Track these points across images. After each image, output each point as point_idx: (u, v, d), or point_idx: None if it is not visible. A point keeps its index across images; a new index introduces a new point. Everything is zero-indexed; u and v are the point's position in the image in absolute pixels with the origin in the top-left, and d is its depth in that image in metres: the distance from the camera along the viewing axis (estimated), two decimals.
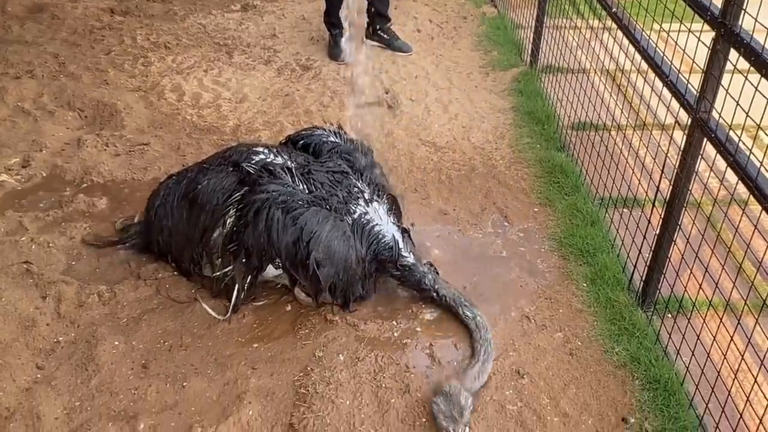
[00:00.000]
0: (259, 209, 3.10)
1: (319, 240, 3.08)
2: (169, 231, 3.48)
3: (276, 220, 3.08)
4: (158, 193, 3.60)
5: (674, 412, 2.84)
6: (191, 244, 3.38)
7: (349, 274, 3.20)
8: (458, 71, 5.94)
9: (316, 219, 3.11)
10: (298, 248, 3.07)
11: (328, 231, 3.11)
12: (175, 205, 3.46)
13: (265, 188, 3.15)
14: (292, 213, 3.09)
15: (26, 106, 4.92)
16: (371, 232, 3.28)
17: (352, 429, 2.75)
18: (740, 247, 3.61)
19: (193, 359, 3.07)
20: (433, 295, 3.35)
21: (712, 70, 2.75)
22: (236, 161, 3.37)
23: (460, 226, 4.00)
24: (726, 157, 2.60)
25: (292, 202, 3.12)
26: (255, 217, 3.10)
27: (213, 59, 5.87)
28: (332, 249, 3.12)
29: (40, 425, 2.72)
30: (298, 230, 3.07)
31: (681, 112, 3.03)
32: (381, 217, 3.35)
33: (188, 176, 3.52)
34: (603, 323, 3.32)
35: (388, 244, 3.30)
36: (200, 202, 3.31)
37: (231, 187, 3.27)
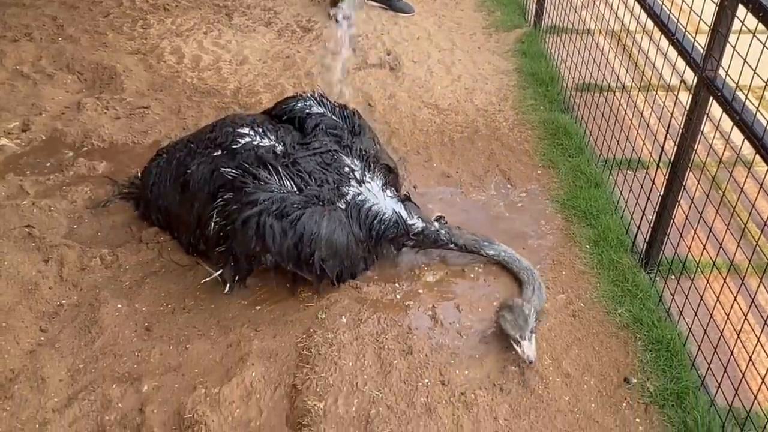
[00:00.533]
0: (248, 218, 2.96)
1: (320, 238, 3.02)
2: (167, 210, 3.47)
3: (269, 227, 2.96)
4: (151, 172, 3.57)
5: (676, 372, 2.85)
6: (188, 228, 3.35)
7: (352, 258, 3.19)
8: (461, 32, 5.87)
9: (312, 220, 3.02)
10: (301, 250, 3.01)
11: (326, 226, 3.04)
12: (168, 186, 3.44)
13: (255, 198, 3.00)
14: (289, 218, 2.99)
15: (25, 69, 4.88)
16: (369, 213, 3.21)
17: (355, 389, 2.77)
18: (745, 208, 3.59)
19: (196, 321, 3.08)
20: (452, 247, 3.36)
21: (719, 27, 2.70)
22: (222, 145, 3.32)
23: (462, 189, 3.97)
24: (732, 116, 2.57)
25: (285, 207, 3.00)
26: (243, 225, 2.97)
27: (213, 21, 5.80)
28: (333, 243, 3.07)
29: (44, 387, 2.74)
30: (298, 235, 2.98)
31: (687, 72, 2.99)
32: (376, 195, 3.28)
33: (177, 157, 3.47)
34: (606, 285, 3.32)
35: (392, 220, 3.26)
36: (192, 189, 3.28)
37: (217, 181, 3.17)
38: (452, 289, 3.31)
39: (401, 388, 2.78)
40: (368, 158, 3.41)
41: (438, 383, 2.80)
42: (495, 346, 2.99)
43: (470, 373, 2.86)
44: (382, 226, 3.24)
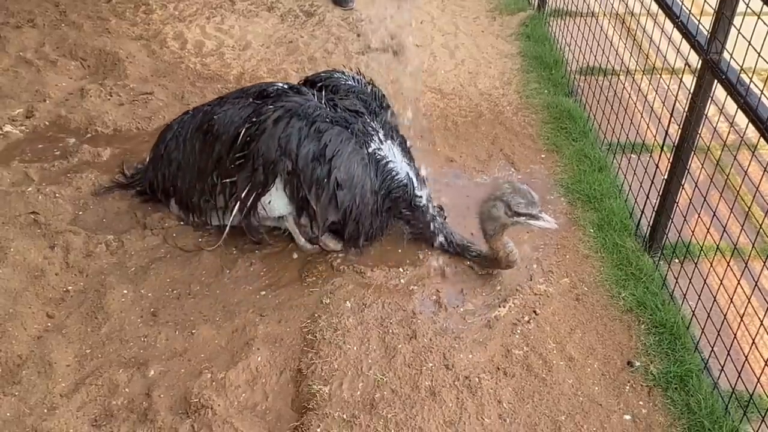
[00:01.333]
0: (280, 117, 3.05)
1: (342, 160, 3.05)
2: (178, 164, 3.43)
3: (297, 129, 3.03)
4: (171, 127, 3.56)
5: (680, 355, 2.86)
6: (203, 177, 3.32)
7: (364, 202, 3.17)
8: (464, 16, 5.84)
9: (339, 138, 3.07)
10: (319, 164, 3.02)
11: (350, 152, 3.09)
12: (188, 137, 3.40)
13: (290, 98, 3.13)
14: (317, 125, 3.05)
15: (28, 55, 4.88)
16: (385, 168, 3.24)
17: (360, 373, 2.78)
18: (749, 191, 3.58)
19: (201, 307, 3.10)
20: (440, 240, 3.35)
21: (723, 9, 2.69)
22: (256, 92, 3.35)
23: (466, 173, 3.97)
24: (736, 99, 2.56)
25: (317, 115, 3.09)
26: (274, 124, 3.05)
27: (215, 6, 5.78)
28: (351, 171, 3.08)
29: (51, 372, 2.76)
30: (321, 145, 3.02)
31: (691, 55, 2.98)
32: (395, 155, 3.32)
33: (204, 109, 3.46)
34: (610, 268, 3.32)
35: (402, 182, 3.28)
36: (215, 132, 3.25)
37: (249, 114, 3.19)
38: (456, 274, 3.31)
39: (405, 372, 2.79)
40: (390, 128, 3.46)
41: (442, 367, 2.82)
42: (499, 330, 3.00)
43: (474, 357, 2.88)
44: (393, 183, 3.26)
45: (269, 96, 3.26)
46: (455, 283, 3.26)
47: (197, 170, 3.35)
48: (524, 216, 3.04)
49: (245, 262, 3.32)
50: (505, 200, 3.02)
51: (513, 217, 3.04)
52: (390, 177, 3.25)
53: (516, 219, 3.05)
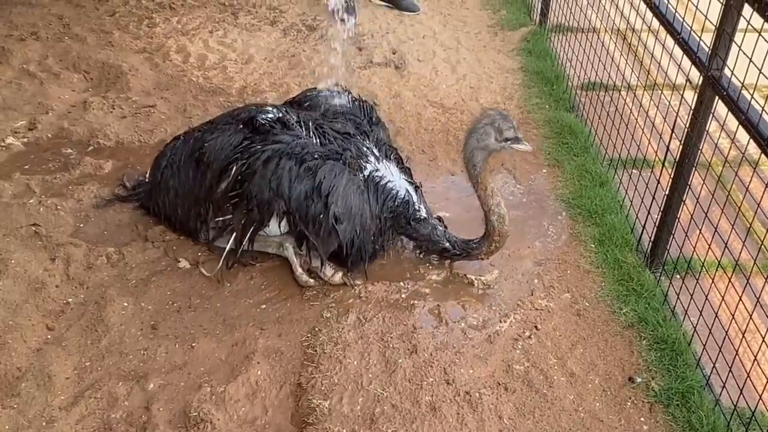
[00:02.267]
0: (269, 158, 3.06)
1: (338, 194, 3.06)
2: (176, 191, 3.46)
3: (288, 170, 3.04)
4: (165, 154, 3.57)
5: (681, 371, 2.85)
6: (198, 202, 3.35)
7: (365, 229, 3.18)
8: (466, 31, 5.87)
9: (333, 173, 3.08)
10: (312, 202, 3.04)
11: (345, 185, 3.09)
12: (181, 164, 3.43)
13: (278, 138, 3.12)
14: (307, 164, 3.06)
15: (31, 68, 4.90)
16: (384, 188, 3.25)
17: (360, 388, 2.77)
18: (750, 207, 3.58)
19: (201, 320, 3.09)
20: (446, 245, 3.34)
21: (725, 26, 2.70)
22: (246, 119, 3.32)
23: (467, 187, 3.97)
24: (738, 115, 2.57)
25: (307, 153, 3.09)
26: (264, 166, 3.06)
27: (218, 20, 5.81)
28: (349, 203, 3.10)
29: (51, 385, 2.75)
30: (314, 183, 3.03)
31: (693, 71, 2.99)
32: (392, 173, 3.34)
33: (195, 135, 3.47)
34: (611, 284, 3.32)
35: (404, 199, 3.29)
36: (207, 160, 3.27)
37: (239, 141, 3.21)
38: (457, 288, 3.31)
39: (406, 387, 2.78)
40: (384, 145, 3.48)
41: (443, 382, 2.81)
42: (499, 345, 3.00)
43: (475, 372, 2.87)
44: (394, 202, 3.27)
45: (257, 128, 3.22)
46: (456, 297, 3.25)
47: (193, 197, 3.38)
48: (511, 140, 3.13)
49: (246, 275, 3.32)
50: (496, 125, 3.09)
51: (501, 142, 3.12)
52: (390, 197, 3.26)
53: (503, 144, 3.13)
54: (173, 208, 3.49)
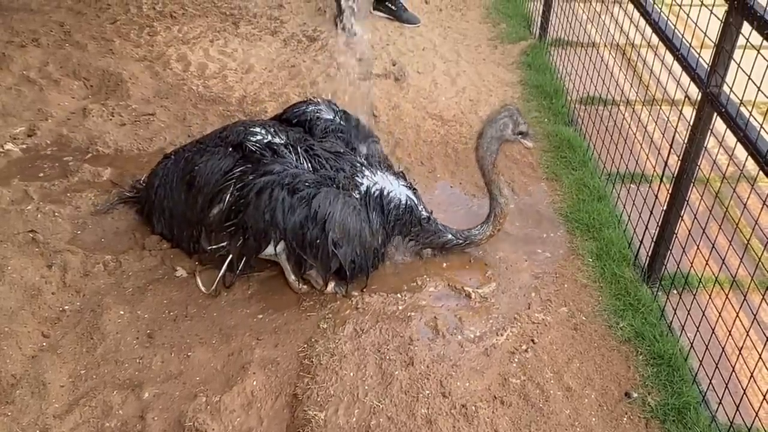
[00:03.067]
0: (261, 189, 3.07)
1: (334, 220, 3.07)
2: (170, 211, 3.46)
3: (281, 201, 3.05)
4: (157, 174, 3.57)
5: (677, 387, 2.85)
6: (191, 224, 3.36)
7: (365, 248, 3.20)
8: (466, 44, 5.89)
9: (327, 200, 3.08)
10: (308, 229, 3.05)
11: (341, 210, 3.10)
12: (174, 186, 3.43)
13: (269, 168, 3.12)
14: (300, 193, 3.06)
15: (32, 74, 4.90)
16: (386, 199, 3.28)
17: (356, 400, 2.76)
18: (748, 223, 3.59)
19: (198, 329, 3.08)
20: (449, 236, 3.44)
21: (723, 43, 2.71)
22: (234, 142, 3.32)
23: (466, 200, 3.98)
24: (736, 132, 2.58)
25: (299, 183, 3.09)
26: (257, 197, 3.07)
27: (219, 29, 5.82)
28: (347, 227, 3.11)
29: (45, 392, 2.74)
30: (309, 211, 3.04)
31: (691, 87, 3.00)
32: (390, 182, 3.36)
33: (185, 156, 3.47)
34: (608, 298, 3.32)
35: (407, 205, 3.34)
36: (197, 184, 3.28)
37: (230, 167, 3.22)
38: (454, 301, 3.31)
39: (402, 399, 2.77)
40: (375, 156, 3.52)
41: (439, 395, 2.80)
42: (496, 359, 2.99)
43: (471, 385, 2.86)
44: (398, 210, 3.31)
45: (246, 155, 3.22)
46: (453, 310, 3.25)
47: (185, 219, 3.39)
48: (522, 134, 3.47)
49: (243, 285, 3.32)
50: (514, 119, 3.42)
51: (516, 135, 3.46)
52: (394, 205, 3.30)
53: (515, 137, 3.46)
54: (169, 228, 3.50)
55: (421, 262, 3.51)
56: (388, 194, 3.30)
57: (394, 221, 3.31)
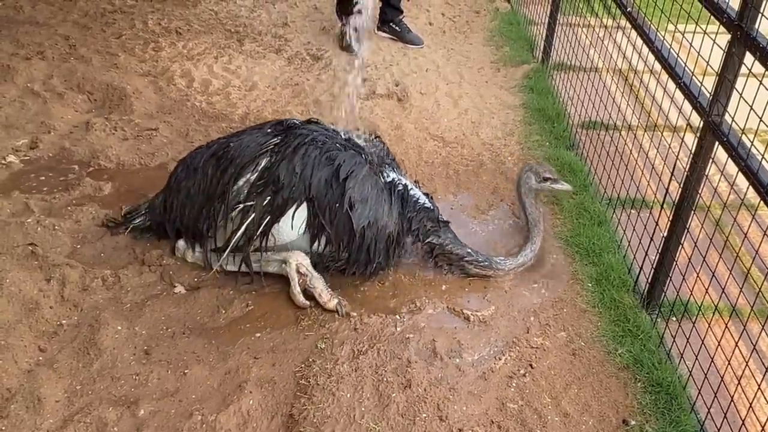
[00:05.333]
0: (298, 146, 3.19)
1: (356, 180, 3.16)
2: (188, 192, 3.41)
3: (312, 157, 3.17)
4: (185, 159, 3.57)
5: (676, 415, 2.83)
6: (210, 200, 3.32)
7: (379, 224, 3.25)
8: (469, 66, 5.92)
9: (353, 161, 3.21)
10: (331, 188, 3.15)
11: (363, 176, 3.21)
12: (200, 164, 3.40)
13: (306, 129, 3.28)
14: (329, 153, 3.19)
15: (36, 87, 4.92)
16: (406, 194, 3.38)
17: (352, 422, 2.75)
18: (748, 252, 3.59)
19: (195, 347, 3.07)
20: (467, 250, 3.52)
21: (726, 73, 2.73)
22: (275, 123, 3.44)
23: (467, 221, 3.98)
24: (738, 162, 2.58)
25: (330, 143, 3.24)
26: (293, 153, 3.18)
27: (223, 46, 5.85)
28: (366, 191, 3.20)
29: (40, 407, 2.72)
30: (332, 168, 3.16)
31: (693, 114, 3.01)
32: (412, 186, 3.48)
33: (219, 141, 3.51)
34: (607, 324, 3.31)
35: (425, 205, 3.44)
36: (230, 157, 3.30)
37: (267, 140, 3.30)
38: (453, 323, 3.30)
39: (399, 422, 2.76)
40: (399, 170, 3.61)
41: (436, 418, 2.78)
42: (494, 383, 2.98)
43: (468, 410, 2.85)
44: (417, 205, 3.42)
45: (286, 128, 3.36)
46: (452, 332, 3.24)
47: (206, 196, 3.36)
48: (549, 180, 3.73)
49: (242, 302, 3.31)
50: (534, 170, 3.73)
51: (541, 182, 3.71)
52: (414, 201, 3.41)
53: (542, 184, 3.72)
54: (182, 210, 3.44)
55: (421, 284, 3.51)
56: (410, 190, 3.42)
57: (413, 212, 3.41)
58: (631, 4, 3.83)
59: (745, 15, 2.62)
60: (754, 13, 2.61)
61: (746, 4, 2.61)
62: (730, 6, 2.81)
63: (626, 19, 3.84)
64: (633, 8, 3.79)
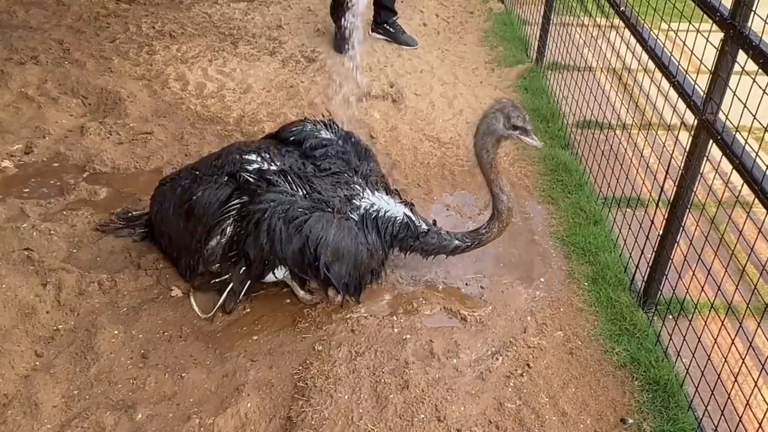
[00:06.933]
0: (259, 220, 3.06)
1: (327, 244, 3.07)
2: (169, 237, 3.47)
3: (278, 231, 3.05)
4: (156, 199, 3.57)
5: (673, 413, 2.84)
6: (188, 252, 3.35)
7: (361, 269, 3.20)
8: (464, 66, 5.92)
9: (320, 224, 3.08)
10: (305, 254, 3.07)
11: (334, 233, 3.10)
12: (171, 213, 3.42)
13: (264, 198, 3.09)
14: (294, 222, 3.06)
15: (30, 92, 4.91)
16: (382, 219, 3.27)
17: (350, 423, 2.75)
18: (743, 249, 3.60)
19: (192, 350, 3.07)
20: (456, 243, 3.40)
21: (719, 71, 2.73)
22: (230, 172, 3.28)
23: (462, 222, 3.98)
24: (732, 160, 2.59)
25: (293, 210, 3.08)
26: (256, 228, 3.07)
27: (218, 49, 5.85)
28: (340, 250, 3.11)
29: (37, 413, 2.72)
30: (303, 238, 3.05)
31: (687, 113, 3.02)
32: (387, 202, 3.35)
33: (182, 185, 3.44)
34: (604, 323, 3.32)
35: (404, 223, 3.32)
36: (196, 215, 3.26)
37: (226, 198, 3.20)
38: (450, 324, 3.30)
39: (397, 423, 2.76)
40: (375, 178, 3.49)
41: (434, 419, 2.79)
42: (492, 383, 2.98)
43: (466, 410, 2.85)
44: (394, 228, 3.30)
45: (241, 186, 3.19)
46: (449, 333, 3.24)
47: (184, 247, 3.38)
48: (519, 130, 3.22)
49: (238, 305, 3.30)
50: (505, 112, 3.20)
51: (509, 129, 3.22)
52: (390, 223, 3.28)
53: (510, 132, 3.23)
54: (170, 252, 3.52)
55: (417, 285, 3.51)
56: (384, 214, 3.28)
57: (391, 239, 3.30)
58: (624, 2, 3.84)
59: (738, 13, 2.63)
60: (746, 11, 2.61)
61: (739, 2, 2.62)
62: (722, 4, 2.81)
63: (619, 19, 3.85)
64: (626, 7, 3.79)
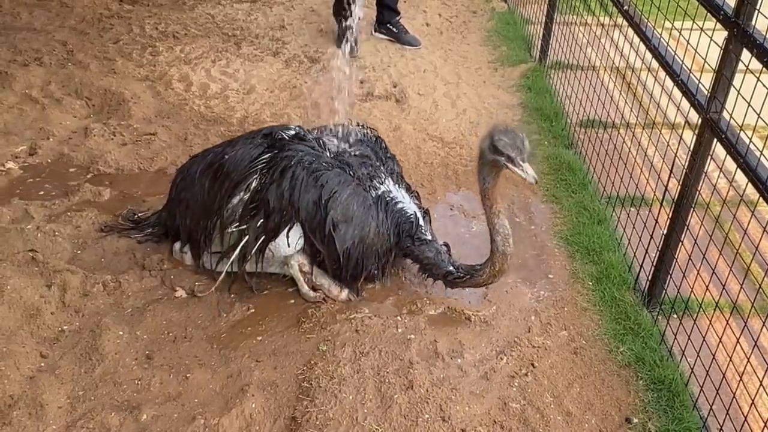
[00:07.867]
0: (285, 168, 3.14)
1: (338, 201, 3.12)
2: (187, 203, 3.44)
3: (300, 179, 3.12)
4: (183, 168, 3.58)
5: (678, 413, 2.84)
6: (208, 214, 3.33)
7: (366, 243, 3.21)
8: (467, 66, 5.92)
9: (337, 180, 3.15)
10: (318, 208, 3.12)
11: (348, 194, 3.16)
12: (197, 175, 3.41)
13: (293, 147, 3.20)
14: (315, 173, 3.13)
15: (34, 93, 4.92)
16: (394, 207, 3.30)
17: (355, 423, 2.75)
18: (748, 248, 3.59)
19: (197, 351, 3.07)
20: (450, 268, 3.31)
21: (723, 70, 2.73)
22: (266, 133, 3.36)
23: (466, 222, 3.98)
24: (736, 159, 2.58)
25: (317, 163, 3.17)
26: (281, 176, 3.14)
27: (221, 50, 5.86)
28: (350, 212, 3.15)
29: (43, 414, 2.72)
30: (318, 189, 3.11)
31: (691, 111, 3.02)
32: (404, 196, 3.39)
33: (213, 150, 3.49)
34: (608, 322, 3.31)
35: (410, 218, 3.33)
36: (226, 170, 3.28)
37: (258, 155, 3.25)
38: (454, 323, 3.30)
39: (401, 423, 2.76)
40: (396, 174, 3.53)
41: (438, 419, 2.78)
42: (496, 383, 2.98)
43: (471, 410, 2.85)
44: (401, 218, 3.31)
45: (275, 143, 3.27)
46: (453, 333, 3.24)
47: (203, 208, 3.36)
48: (503, 157, 2.90)
49: (243, 306, 3.31)
50: (491, 134, 2.91)
51: (493, 153, 2.91)
52: (400, 213, 3.30)
53: (495, 157, 2.91)
54: (183, 220, 3.47)
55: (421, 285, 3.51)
56: (397, 204, 3.32)
57: (395, 227, 3.29)
58: (627, 1, 3.83)
59: (742, 11, 2.63)
60: (750, 9, 2.61)
61: (743, 1, 2.62)
62: (726, 3, 2.81)
63: (623, 17, 3.84)
64: (629, 6, 3.79)
